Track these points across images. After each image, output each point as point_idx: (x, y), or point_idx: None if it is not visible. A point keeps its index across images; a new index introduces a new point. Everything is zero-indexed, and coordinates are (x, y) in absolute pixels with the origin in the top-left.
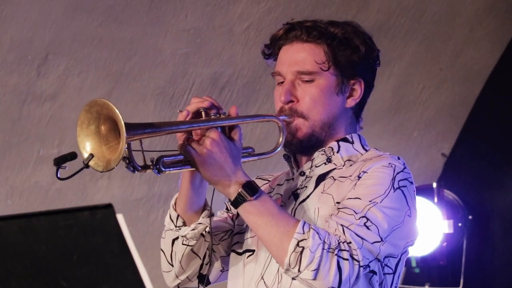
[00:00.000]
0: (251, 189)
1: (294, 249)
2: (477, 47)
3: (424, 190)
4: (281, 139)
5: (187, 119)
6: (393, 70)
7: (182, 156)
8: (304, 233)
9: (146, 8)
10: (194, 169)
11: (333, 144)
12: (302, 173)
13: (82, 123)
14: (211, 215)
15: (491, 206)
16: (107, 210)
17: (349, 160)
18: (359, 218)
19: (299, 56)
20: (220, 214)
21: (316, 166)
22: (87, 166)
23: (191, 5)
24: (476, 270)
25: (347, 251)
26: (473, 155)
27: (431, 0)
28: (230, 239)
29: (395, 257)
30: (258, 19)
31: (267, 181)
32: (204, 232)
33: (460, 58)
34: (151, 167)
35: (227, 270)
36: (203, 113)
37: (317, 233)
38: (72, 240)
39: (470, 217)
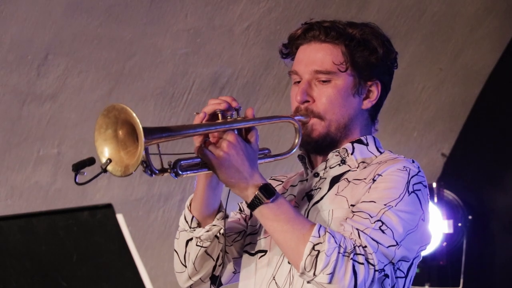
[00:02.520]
0: (267, 192)
1: (310, 253)
2: (477, 47)
3: None
4: (297, 140)
5: (204, 121)
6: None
7: (199, 159)
8: (319, 237)
9: (146, 8)
10: (211, 171)
11: (348, 145)
12: (316, 174)
13: (100, 127)
14: (225, 217)
15: (491, 206)
16: (107, 210)
17: (363, 162)
18: (374, 222)
19: (317, 56)
20: (233, 215)
21: (330, 167)
22: (105, 170)
23: (191, 5)
24: (476, 270)
25: (363, 255)
26: (473, 155)
27: (431, 0)
28: (243, 240)
29: (408, 261)
30: (258, 19)
31: (281, 182)
32: (218, 234)
33: (460, 58)
34: (169, 170)
35: (239, 272)
36: (219, 115)
37: (333, 236)
38: (72, 240)
39: (470, 217)
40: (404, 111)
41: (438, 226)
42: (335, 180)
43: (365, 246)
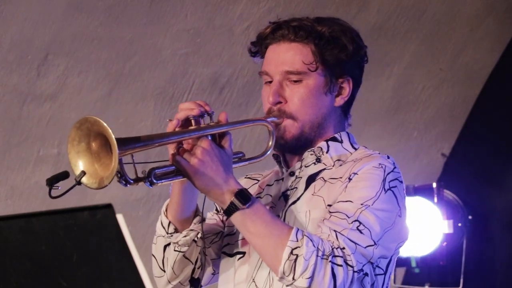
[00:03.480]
0: (243, 197)
1: (288, 257)
2: (477, 47)
3: (424, 190)
4: (270, 143)
5: (177, 128)
6: (393, 70)
7: (174, 167)
8: (297, 241)
9: (146, 8)
10: (186, 179)
11: (322, 144)
12: (292, 173)
13: (73, 140)
14: (202, 220)
15: (491, 206)
16: (107, 210)
17: (338, 160)
18: (351, 222)
19: (287, 56)
20: (210, 216)
21: (305, 166)
22: (79, 183)
23: (191, 5)
24: (476, 270)
25: (341, 257)
26: (473, 155)
27: (431, 0)
28: (220, 241)
29: (386, 258)
30: (258, 19)
31: (256, 181)
32: (196, 238)
33: (460, 58)
34: (143, 179)
35: (218, 273)
36: (192, 121)
37: (311, 240)
38: (72, 240)
39: (470, 217)
40: (404, 111)
41: (438, 226)
42: (311, 179)
43: (343, 248)
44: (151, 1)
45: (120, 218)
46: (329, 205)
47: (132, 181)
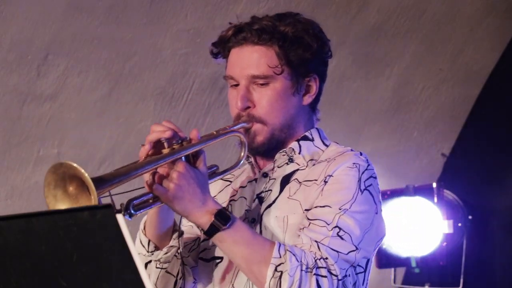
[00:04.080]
0: (223, 217)
1: (273, 275)
2: (477, 47)
3: (424, 190)
4: (243, 153)
5: (149, 152)
6: (393, 70)
7: (151, 194)
8: (281, 257)
9: (146, 8)
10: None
11: (294, 144)
12: (265, 174)
13: (49, 184)
14: (181, 234)
15: (491, 206)
16: (107, 210)
17: (311, 159)
18: (331, 229)
19: (252, 59)
20: (186, 223)
21: (278, 167)
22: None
23: (191, 5)
24: (476, 270)
25: (325, 267)
26: (473, 155)
27: (431, 0)
28: (198, 247)
29: (367, 258)
30: None
31: (229, 182)
32: (177, 253)
33: (460, 58)
34: (122, 212)
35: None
36: (165, 143)
37: (294, 254)
38: (72, 240)
39: (470, 217)
40: (404, 111)
41: (438, 226)
42: (285, 180)
43: (326, 258)
44: (151, 1)
45: (120, 218)
46: (307, 210)
47: None
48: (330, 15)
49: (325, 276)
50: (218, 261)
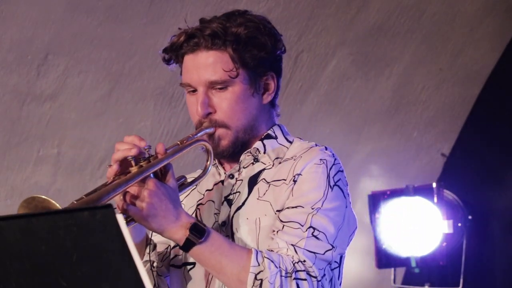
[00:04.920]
0: (198, 231)
1: (253, 284)
2: (477, 47)
3: (424, 190)
4: (209, 162)
5: (116, 172)
6: (393, 70)
7: (124, 215)
8: (259, 265)
9: (146, 8)
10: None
11: (258, 144)
12: (231, 176)
13: None
14: (153, 248)
15: (491, 206)
16: (107, 210)
17: (277, 157)
18: (306, 230)
19: (207, 65)
20: None
21: (244, 168)
22: None
23: (191, 5)
24: (475, 270)
25: (303, 270)
26: (473, 155)
27: (431, 0)
28: (169, 254)
29: (342, 254)
30: None
31: (194, 185)
32: (152, 268)
33: (460, 58)
34: None
35: None
36: (132, 161)
37: (272, 261)
38: (72, 240)
39: (469, 217)
40: (404, 111)
41: (438, 226)
42: (252, 181)
43: (304, 261)
44: (151, 1)
45: (120, 218)
46: (278, 211)
47: None
48: (330, 15)
49: (305, 279)
50: (189, 267)
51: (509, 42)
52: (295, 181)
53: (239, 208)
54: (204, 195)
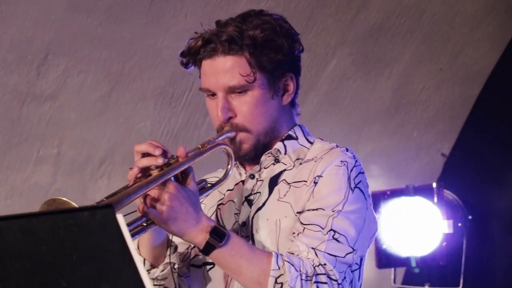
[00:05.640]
0: (218, 234)
1: (274, 287)
2: (477, 47)
3: (424, 190)
4: (229, 165)
5: (138, 175)
6: (393, 70)
7: (145, 218)
8: (279, 268)
9: (146, 8)
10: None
11: (279, 145)
12: (252, 176)
13: None
14: (174, 250)
15: (491, 206)
16: (107, 210)
17: (298, 159)
18: (326, 233)
19: (225, 70)
20: None
21: (265, 168)
22: None
23: (191, 5)
24: (475, 270)
25: (324, 274)
26: (473, 155)
27: (431, 0)
28: (189, 255)
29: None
30: None
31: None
32: (173, 269)
33: (460, 58)
34: None
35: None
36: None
37: (292, 264)
38: (72, 240)
39: (470, 217)
40: (404, 111)
41: (438, 226)
42: (273, 182)
43: (324, 264)
44: (151, 1)
45: (120, 218)
46: (299, 212)
47: None
48: (330, 15)
49: (325, 283)
50: (209, 267)
51: (509, 42)
52: (315, 183)
53: (259, 208)
54: (224, 195)
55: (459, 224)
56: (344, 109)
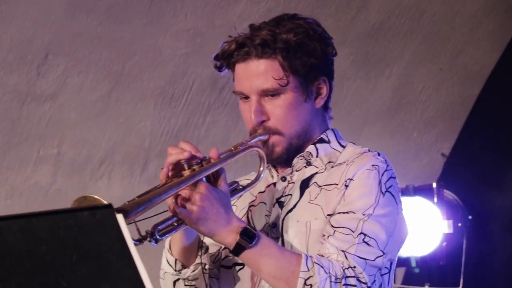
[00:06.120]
0: (248, 236)
1: None
2: (477, 47)
3: (424, 190)
4: (262, 168)
5: (169, 174)
6: (393, 70)
7: (175, 217)
8: (309, 270)
9: (146, 8)
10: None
11: (311, 148)
12: (284, 179)
13: None
14: (205, 251)
15: (491, 206)
16: (107, 210)
17: (329, 162)
18: (357, 236)
19: (258, 74)
20: None
21: (296, 171)
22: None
23: (191, 5)
24: (475, 270)
25: (353, 276)
26: (473, 155)
27: (431, 0)
28: (220, 255)
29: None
30: (258, 19)
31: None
32: (204, 270)
33: (460, 58)
34: (148, 239)
35: None
36: (185, 165)
37: (321, 266)
38: (72, 240)
39: (470, 217)
40: (404, 111)
41: (438, 226)
42: (304, 184)
43: (354, 267)
44: (151, 1)
45: (120, 218)
46: (329, 215)
47: (137, 243)
48: (330, 15)
49: (355, 285)
50: (239, 267)
51: (509, 42)
52: (346, 186)
53: (290, 210)
54: (256, 197)
55: (459, 224)
56: (344, 109)
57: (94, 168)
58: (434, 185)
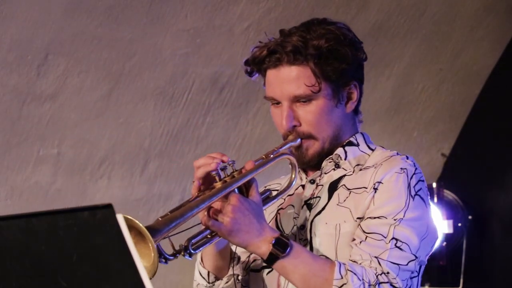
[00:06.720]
0: (281, 245)
1: None
2: (477, 47)
3: None
4: (293, 175)
5: (200, 187)
6: (393, 70)
7: (208, 230)
8: (342, 278)
9: (146, 8)
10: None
11: (340, 150)
12: (312, 181)
13: None
14: (238, 262)
15: (491, 206)
16: (107, 210)
17: (358, 164)
18: (389, 242)
19: (290, 81)
20: None
21: (325, 173)
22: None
23: (191, 5)
24: (476, 270)
25: (387, 282)
26: (473, 155)
27: (431, 0)
28: (248, 259)
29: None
30: (258, 19)
31: (276, 191)
32: (237, 280)
33: (460, 58)
34: (182, 253)
35: None
36: (216, 177)
37: (355, 273)
38: (72, 240)
39: (470, 217)
40: (404, 111)
41: (438, 226)
42: (333, 187)
43: (388, 272)
44: (151, 1)
45: (120, 218)
46: (358, 218)
47: (171, 258)
48: (330, 15)
49: None
50: (268, 270)
51: (509, 42)
52: (375, 189)
53: (318, 213)
54: (285, 199)
55: (459, 224)
56: None
57: (94, 168)
58: (434, 185)
